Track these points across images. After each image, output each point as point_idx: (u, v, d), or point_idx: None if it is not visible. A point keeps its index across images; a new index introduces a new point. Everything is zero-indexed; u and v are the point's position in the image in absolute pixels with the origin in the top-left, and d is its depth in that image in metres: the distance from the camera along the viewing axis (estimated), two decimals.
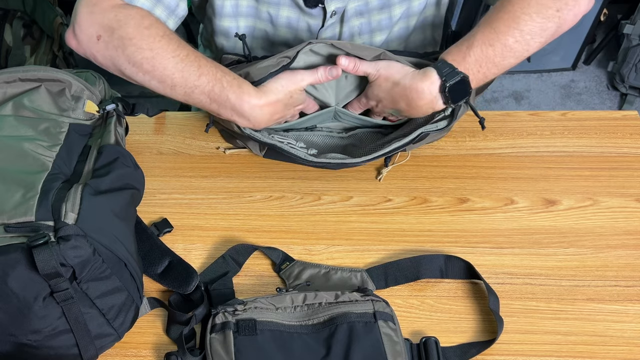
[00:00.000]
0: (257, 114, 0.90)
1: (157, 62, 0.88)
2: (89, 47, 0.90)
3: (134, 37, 0.87)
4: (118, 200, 0.81)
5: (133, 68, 0.89)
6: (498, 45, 0.87)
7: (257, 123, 0.91)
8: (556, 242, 0.91)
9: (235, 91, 0.88)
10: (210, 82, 0.88)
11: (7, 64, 1.79)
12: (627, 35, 2.21)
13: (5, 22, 1.79)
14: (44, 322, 0.71)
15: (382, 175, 0.99)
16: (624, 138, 1.05)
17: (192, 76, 0.88)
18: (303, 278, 0.86)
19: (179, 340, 0.78)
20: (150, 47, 0.87)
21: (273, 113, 0.91)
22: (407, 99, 0.90)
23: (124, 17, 0.88)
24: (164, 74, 0.88)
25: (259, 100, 0.89)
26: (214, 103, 0.90)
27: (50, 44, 1.92)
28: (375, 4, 1.02)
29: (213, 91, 0.88)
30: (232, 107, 0.89)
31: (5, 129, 0.84)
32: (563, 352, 0.79)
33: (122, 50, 0.88)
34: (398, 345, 0.76)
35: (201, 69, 0.88)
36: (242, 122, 0.91)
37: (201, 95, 0.89)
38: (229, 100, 0.88)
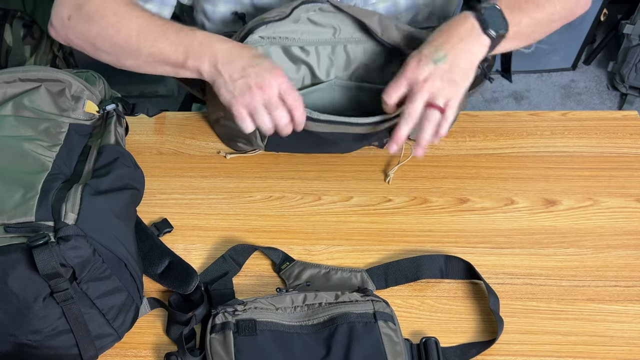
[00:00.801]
0: (225, 47, 0.86)
1: (121, 25, 0.89)
2: (63, 30, 0.93)
3: (99, 8, 0.91)
4: (118, 200, 0.81)
5: (100, 37, 0.91)
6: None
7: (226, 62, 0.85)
8: (556, 242, 0.91)
9: (204, 32, 0.88)
10: (176, 28, 0.88)
11: (7, 64, 1.79)
12: (627, 35, 2.21)
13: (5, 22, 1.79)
14: (44, 322, 0.71)
15: (390, 177, 0.99)
16: (624, 138, 1.05)
17: (156, 29, 0.89)
18: (303, 278, 0.86)
19: (179, 340, 0.78)
20: (115, 12, 0.90)
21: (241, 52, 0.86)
22: (447, 32, 0.85)
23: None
24: (128, 34, 0.89)
25: (231, 41, 0.88)
26: (181, 45, 0.87)
27: (50, 44, 1.92)
28: (382, 12, 1.02)
29: (179, 34, 0.87)
30: (200, 42, 0.86)
31: (5, 129, 0.84)
32: (563, 353, 0.79)
33: (89, 23, 0.91)
34: (398, 346, 0.76)
35: (166, 21, 0.90)
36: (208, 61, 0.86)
37: (165, 43, 0.88)
38: (197, 37, 0.87)
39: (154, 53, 0.89)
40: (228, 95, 0.86)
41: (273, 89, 0.84)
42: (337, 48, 0.96)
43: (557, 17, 0.92)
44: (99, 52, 0.93)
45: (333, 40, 0.95)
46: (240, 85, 0.85)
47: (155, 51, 0.89)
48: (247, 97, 0.85)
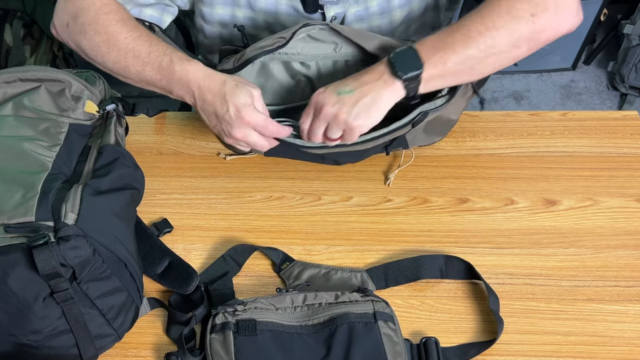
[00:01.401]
0: (200, 86, 0.88)
1: (111, 44, 0.92)
2: (62, 33, 0.97)
3: (92, 23, 0.93)
4: (118, 200, 0.81)
5: (93, 51, 0.94)
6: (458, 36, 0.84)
7: (202, 97, 0.88)
8: (556, 242, 0.91)
9: (183, 64, 0.89)
10: (159, 57, 0.90)
11: (7, 64, 1.79)
12: (627, 35, 2.21)
13: (5, 22, 1.79)
14: (44, 322, 0.71)
15: (390, 179, 0.99)
16: (624, 138, 1.05)
17: (142, 54, 0.91)
18: (303, 278, 0.86)
19: (179, 340, 0.78)
20: (106, 30, 0.92)
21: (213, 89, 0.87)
22: (359, 74, 0.85)
23: (87, 4, 0.94)
24: (117, 55, 0.92)
25: (204, 71, 0.88)
26: (163, 78, 0.90)
27: (50, 44, 1.92)
28: (376, 9, 1.02)
29: (161, 66, 0.89)
30: (179, 79, 0.89)
31: (5, 129, 0.84)
32: (563, 353, 0.79)
33: (83, 35, 0.93)
34: (398, 346, 0.76)
35: (152, 47, 0.91)
36: (189, 98, 0.90)
37: (152, 71, 0.90)
38: (175, 73, 0.89)
39: (142, 79, 0.92)
40: (216, 131, 0.92)
41: (245, 134, 0.88)
42: (338, 63, 0.96)
43: (499, 49, 0.84)
44: (93, 62, 0.96)
45: (334, 55, 0.95)
46: (218, 131, 0.90)
47: (143, 78, 0.92)
48: (231, 139, 0.90)
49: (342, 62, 0.95)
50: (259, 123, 0.87)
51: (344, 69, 0.95)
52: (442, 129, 1.00)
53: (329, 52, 0.95)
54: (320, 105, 0.85)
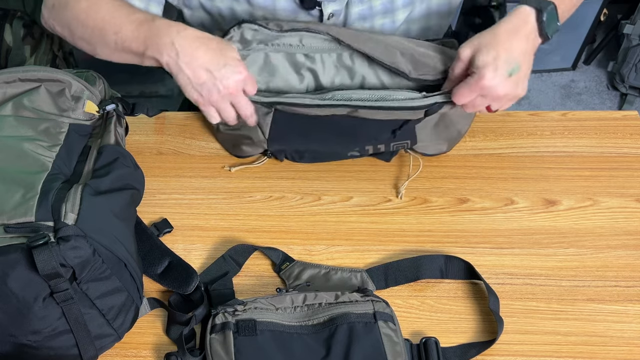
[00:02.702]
0: (184, 42, 0.83)
1: (92, 10, 0.90)
2: (49, 18, 0.96)
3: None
4: (118, 200, 0.81)
5: (75, 22, 0.92)
6: None
7: (189, 60, 0.83)
8: (556, 243, 0.91)
9: (166, 20, 0.87)
10: (140, 17, 0.87)
11: (7, 64, 1.78)
12: (627, 35, 2.21)
13: (5, 22, 1.79)
14: (43, 322, 0.71)
15: (402, 192, 0.97)
16: (624, 138, 1.05)
17: (122, 15, 0.88)
18: (303, 278, 0.86)
19: (179, 340, 0.78)
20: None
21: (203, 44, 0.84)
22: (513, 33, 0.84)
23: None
24: (96, 18, 0.90)
25: (193, 31, 0.85)
26: (141, 34, 0.85)
27: (50, 44, 1.92)
28: (379, 9, 1.02)
29: (142, 24, 0.86)
30: (158, 32, 0.84)
31: (5, 129, 0.84)
32: (563, 353, 0.79)
33: (66, 8, 0.93)
34: (398, 346, 0.76)
35: (134, 10, 0.90)
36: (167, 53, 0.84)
37: (128, 31, 0.86)
38: (155, 26, 0.85)
39: (117, 41, 0.88)
40: (195, 94, 0.86)
41: (239, 90, 0.86)
42: (343, 56, 0.95)
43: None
44: (76, 39, 0.94)
45: (339, 48, 0.95)
46: (208, 87, 0.85)
47: (119, 39, 0.88)
48: (216, 97, 0.85)
49: (347, 55, 0.95)
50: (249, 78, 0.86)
51: (349, 63, 0.95)
52: (449, 134, 0.98)
53: (333, 46, 0.95)
54: (496, 91, 0.84)
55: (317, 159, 1.01)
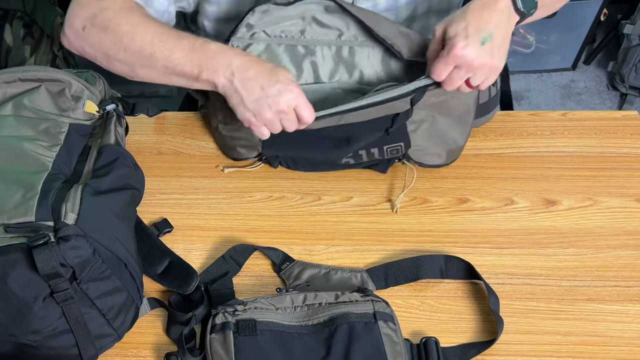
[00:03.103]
0: (239, 61, 0.86)
1: (135, 33, 0.89)
2: (77, 40, 0.93)
3: (115, 17, 0.90)
4: (118, 200, 0.81)
5: (115, 46, 0.90)
6: None
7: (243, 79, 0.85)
8: (556, 243, 0.91)
9: (217, 43, 0.87)
10: (191, 41, 0.87)
11: (7, 64, 1.79)
12: (627, 35, 2.21)
13: (5, 22, 1.79)
14: (43, 322, 0.71)
15: (397, 206, 0.95)
16: (624, 138, 1.05)
17: (171, 39, 0.88)
18: (303, 278, 0.86)
19: (179, 340, 0.78)
20: (130, 22, 0.90)
21: (257, 64, 0.86)
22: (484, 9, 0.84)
23: (108, 3, 0.92)
24: (142, 43, 0.88)
25: (244, 52, 0.87)
26: (195, 57, 0.86)
27: (50, 44, 1.92)
28: (383, 6, 1.02)
29: (194, 47, 0.87)
30: (214, 54, 0.86)
31: (5, 129, 0.84)
32: (563, 353, 0.79)
33: (104, 32, 0.90)
34: (398, 346, 0.76)
35: (181, 34, 0.89)
36: (222, 73, 0.86)
37: (180, 54, 0.87)
38: (211, 49, 0.86)
39: (168, 65, 0.88)
40: (247, 114, 0.87)
41: (290, 108, 0.86)
42: (342, 49, 0.96)
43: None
44: (113, 62, 0.93)
45: (338, 42, 0.95)
46: (260, 106, 0.86)
47: (170, 63, 0.88)
48: (268, 116, 0.86)
49: (346, 48, 0.95)
50: (301, 97, 0.86)
51: (348, 56, 0.95)
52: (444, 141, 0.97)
53: (332, 39, 0.95)
54: (469, 59, 0.83)
55: (312, 166, 1.00)
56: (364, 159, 0.96)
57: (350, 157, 0.96)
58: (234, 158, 1.03)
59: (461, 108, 0.95)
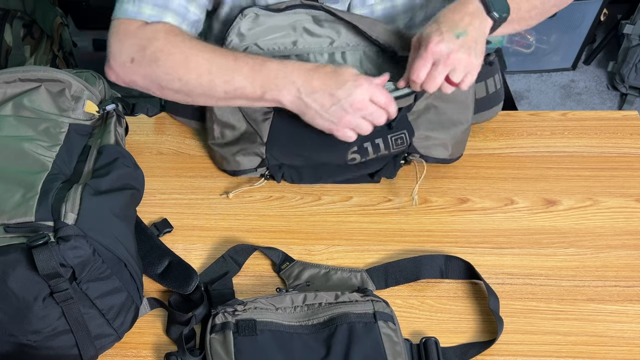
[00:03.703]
0: (301, 74, 0.85)
1: (190, 62, 0.88)
2: (126, 73, 0.91)
3: (164, 47, 0.89)
4: (118, 200, 0.81)
5: (169, 77, 0.89)
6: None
7: (310, 92, 0.85)
8: (556, 242, 0.91)
9: (275, 60, 0.87)
10: (248, 62, 0.87)
11: (7, 64, 1.79)
12: (627, 35, 2.21)
13: (5, 22, 1.79)
14: (43, 322, 0.71)
15: (415, 199, 0.95)
16: (624, 138, 1.05)
17: (228, 63, 0.87)
18: (303, 278, 0.86)
19: (179, 340, 0.78)
20: (181, 50, 0.88)
21: (318, 71, 0.85)
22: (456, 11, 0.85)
23: (152, 33, 0.90)
24: (199, 71, 0.88)
25: (299, 63, 0.86)
26: (257, 79, 0.86)
27: (50, 44, 1.92)
28: (380, 13, 1.02)
29: (254, 68, 0.86)
30: (276, 75, 0.85)
31: (5, 129, 0.84)
32: (563, 353, 0.79)
33: (155, 64, 0.89)
34: (398, 346, 0.76)
35: (235, 54, 0.88)
36: (288, 92, 0.85)
37: (241, 77, 0.86)
38: (270, 69, 0.85)
39: (229, 89, 0.88)
40: (326, 123, 0.87)
41: (366, 102, 0.85)
42: (335, 56, 0.95)
43: (552, 3, 0.93)
44: (167, 91, 0.92)
45: (330, 49, 0.95)
46: (335, 111, 0.85)
47: (230, 87, 0.87)
48: (347, 118, 0.86)
49: (339, 54, 0.95)
50: (373, 86, 0.85)
51: (342, 62, 0.95)
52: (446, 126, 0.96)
53: (324, 46, 0.95)
54: (445, 53, 0.83)
55: (317, 176, 0.98)
56: (370, 153, 0.94)
57: (356, 153, 0.94)
58: (233, 171, 1.00)
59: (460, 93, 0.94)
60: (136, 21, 0.91)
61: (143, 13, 0.91)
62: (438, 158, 0.98)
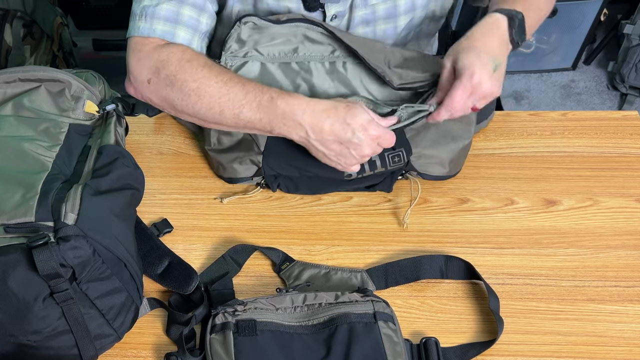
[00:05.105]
0: (310, 117, 0.85)
1: (202, 91, 0.88)
2: (143, 91, 0.93)
3: (178, 73, 0.89)
4: (118, 200, 0.81)
5: (183, 102, 0.90)
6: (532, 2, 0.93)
7: (318, 137, 0.85)
8: (556, 243, 0.91)
9: (284, 97, 0.86)
10: (257, 96, 0.87)
11: (7, 64, 1.78)
12: (627, 35, 2.21)
13: (5, 22, 1.79)
14: (43, 322, 0.71)
15: (406, 223, 0.94)
16: (624, 138, 1.05)
17: (238, 95, 0.87)
18: (303, 278, 0.86)
19: (179, 340, 0.78)
20: (194, 78, 0.89)
21: (329, 117, 0.84)
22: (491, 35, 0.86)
23: (166, 56, 0.90)
24: (210, 101, 0.88)
25: (309, 101, 0.86)
26: (264, 117, 0.86)
27: (50, 44, 1.92)
28: (382, 13, 1.02)
29: (261, 104, 0.86)
30: (283, 114, 0.85)
31: (5, 129, 0.84)
32: (563, 353, 0.79)
33: (170, 88, 0.90)
34: (398, 346, 0.76)
35: (246, 87, 0.88)
36: (296, 133, 0.86)
37: (250, 112, 0.87)
38: (278, 108, 0.85)
39: (238, 123, 0.88)
40: (332, 163, 0.89)
41: (375, 148, 0.86)
42: (336, 65, 0.95)
43: (544, 15, 0.97)
44: (182, 114, 0.93)
45: (332, 57, 0.94)
46: (344, 156, 0.87)
47: (240, 121, 0.88)
48: (354, 162, 0.88)
49: (340, 63, 0.94)
50: (383, 133, 0.86)
51: (343, 71, 0.94)
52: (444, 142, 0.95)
53: (326, 55, 0.94)
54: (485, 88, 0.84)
55: (313, 188, 0.98)
56: (367, 169, 0.93)
57: None
58: (229, 179, 0.99)
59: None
60: (150, 39, 0.92)
61: (156, 30, 0.92)
62: (435, 175, 0.98)
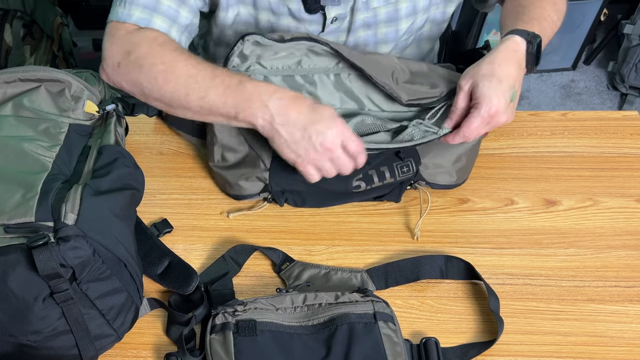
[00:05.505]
0: (278, 103, 0.83)
1: (169, 73, 0.87)
2: (114, 75, 0.92)
3: (147, 55, 0.89)
4: (118, 200, 0.81)
5: (149, 85, 0.89)
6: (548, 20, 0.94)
7: (283, 122, 0.83)
8: (556, 243, 0.91)
9: (254, 82, 0.85)
10: (225, 80, 0.85)
11: (7, 64, 1.79)
12: (627, 35, 2.21)
13: (5, 22, 1.79)
14: (43, 322, 0.71)
15: (417, 234, 0.92)
16: (624, 138, 1.05)
17: (205, 79, 0.86)
18: (303, 278, 0.86)
19: (179, 340, 0.78)
20: (162, 60, 0.88)
21: (296, 101, 0.84)
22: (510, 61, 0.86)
23: (138, 39, 0.90)
24: (177, 83, 0.87)
25: (277, 87, 0.85)
26: (229, 99, 0.84)
27: (50, 44, 1.92)
28: (384, 17, 1.02)
29: (229, 87, 0.85)
30: (250, 96, 0.83)
31: (5, 129, 0.84)
32: (563, 353, 0.79)
33: (139, 70, 0.89)
34: (398, 346, 0.76)
35: (215, 71, 0.87)
36: (261, 116, 0.83)
37: (215, 95, 0.85)
38: (246, 90, 0.83)
39: (203, 106, 0.87)
40: (292, 155, 0.85)
41: (336, 145, 0.83)
42: (341, 76, 0.93)
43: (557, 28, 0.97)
44: (149, 99, 0.92)
45: (336, 69, 0.93)
46: (304, 146, 0.83)
47: (205, 104, 0.86)
48: (313, 156, 0.84)
49: (346, 74, 0.93)
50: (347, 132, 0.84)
51: (348, 83, 0.93)
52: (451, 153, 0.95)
53: (331, 66, 0.93)
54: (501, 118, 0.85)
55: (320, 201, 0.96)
56: (375, 181, 0.92)
57: (361, 180, 0.91)
58: (235, 195, 0.97)
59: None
60: (126, 24, 0.92)
61: (133, 15, 0.92)
62: (444, 184, 0.97)
